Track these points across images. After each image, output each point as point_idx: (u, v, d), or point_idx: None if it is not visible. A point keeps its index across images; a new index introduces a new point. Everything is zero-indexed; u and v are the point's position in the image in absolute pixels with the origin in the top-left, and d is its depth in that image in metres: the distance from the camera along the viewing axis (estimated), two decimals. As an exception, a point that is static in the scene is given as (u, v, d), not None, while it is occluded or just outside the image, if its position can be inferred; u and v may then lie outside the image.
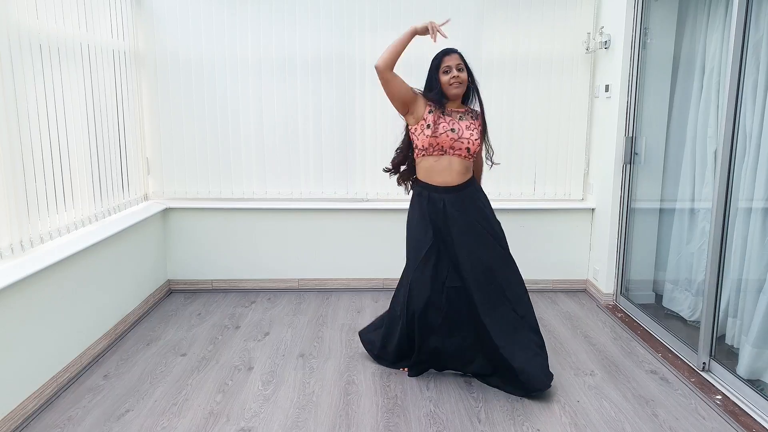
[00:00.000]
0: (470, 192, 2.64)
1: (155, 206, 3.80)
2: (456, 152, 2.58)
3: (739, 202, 2.73)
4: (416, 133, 2.62)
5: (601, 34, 3.69)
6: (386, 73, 2.53)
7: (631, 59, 3.46)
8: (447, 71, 2.55)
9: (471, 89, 2.66)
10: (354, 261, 4.02)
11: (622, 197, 3.64)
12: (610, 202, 3.68)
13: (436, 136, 2.54)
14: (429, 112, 2.58)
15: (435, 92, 2.58)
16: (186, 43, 3.78)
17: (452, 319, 2.65)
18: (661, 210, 3.59)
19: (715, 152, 2.82)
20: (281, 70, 3.84)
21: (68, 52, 2.89)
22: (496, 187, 3.99)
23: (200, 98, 3.84)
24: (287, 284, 4.06)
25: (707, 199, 3.06)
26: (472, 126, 2.61)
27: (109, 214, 3.33)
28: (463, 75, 2.57)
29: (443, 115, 2.57)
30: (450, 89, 2.56)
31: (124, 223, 3.28)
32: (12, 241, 2.45)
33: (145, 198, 3.89)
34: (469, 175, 2.66)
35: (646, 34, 3.43)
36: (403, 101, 2.60)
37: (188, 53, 3.79)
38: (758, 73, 2.64)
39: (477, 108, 2.70)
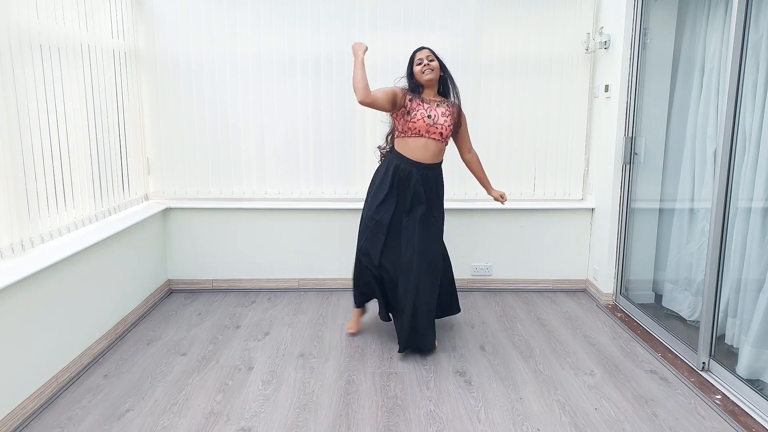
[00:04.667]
0: (435, 174, 2.97)
1: (155, 206, 3.80)
2: (431, 135, 2.88)
3: (739, 202, 2.73)
4: (397, 118, 2.94)
5: (600, 34, 3.69)
6: (368, 99, 2.78)
7: (631, 59, 3.46)
8: (419, 63, 2.90)
9: (446, 79, 2.97)
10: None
11: (621, 197, 3.64)
12: (609, 202, 3.68)
13: (414, 121, 2.86)
14: (409, 100, 2.88)
15: (411, 84, 2.94)
16: (186, 43, 3.78)
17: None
18: (660, 210, 3.60)
19: (715, 152, 2.82)
20: (281, 70, 3.84)
21: (68, 52, 2.90)
22: (495, 187, 3.98)
23: (200, 98, 3.85)
24: (287, 284, 4.06)
25: (707, 199, 3.06)
26: (447, 113, 2.91)
27: (110, 214, 3.33)
28: (434, 63, 2.89)
29: (422, 102, 2.89)
30: (422, 76, 2.88)
31: (124, 223, 3.28)
32: (12, 240, 2.46)
33: (146, 198, 3.89)
34: (440, 159, 2.98)
35: (645, 34, 3.43)
36: (390, 103, 2.87)
37: (188, 53, 3.79)
38: (758, 73, 2.64)
39: (454, 100, 3.00)
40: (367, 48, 2.89)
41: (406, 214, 2.92)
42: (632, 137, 3.53)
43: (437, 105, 2.90)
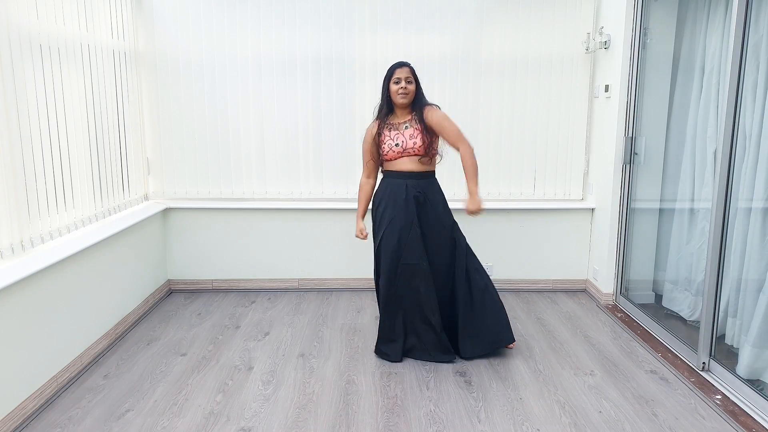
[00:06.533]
0: (429, 182, 2.92)
1: (155, 206, 3.81)
2: (407, 155, 2.86)
3: (739, 202, 2.73)
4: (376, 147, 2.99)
5: (600, 34, 3.69)
6: (374, 175, 3.03)
7: (631, 59, 3.46)
8: (397, 82, 2.82)
9: (417, 101, 2.87)
10: (354, 261, 4.02)
11: (621, 197, 3.64)
12: (609, 202, 3.68)
13: (386, 153, 2.89)
14: (378, 134, 2.90)
15: (384, 102, 2.90)
16: (186, 43, 3.78)
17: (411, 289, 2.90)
18: (660, 210, 3.60)
19: (715, 152, 2.82)
20: (281, 70, 3.85)
21: (68, 52, 2.90)
22: (496, 187, 4.00)
23: (200, 98, 3.85)
24: (287, 284, 4.06)
25: (707, 199, 3.06)
26: (416, 132, 2.84)
27: (110, 214, 3.33)
28: (411, 87, 2.83)
29: (389, 131, 2.88)
30: (397, 98, 2.83)
31: (124, 223, 3.28)
32: (12, 241, 2.45)
33: (146, 198, 3.89)
34: (428, 167, 2.91)
35: (645, 34, 3.43)
36: (376, 149, 2.95)
37: (188, 53, 3.80)
38: (758, 73, 2.64)
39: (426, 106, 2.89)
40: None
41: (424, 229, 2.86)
42: (632, 137, 3.53)
43: (406, 127, 2.85)
